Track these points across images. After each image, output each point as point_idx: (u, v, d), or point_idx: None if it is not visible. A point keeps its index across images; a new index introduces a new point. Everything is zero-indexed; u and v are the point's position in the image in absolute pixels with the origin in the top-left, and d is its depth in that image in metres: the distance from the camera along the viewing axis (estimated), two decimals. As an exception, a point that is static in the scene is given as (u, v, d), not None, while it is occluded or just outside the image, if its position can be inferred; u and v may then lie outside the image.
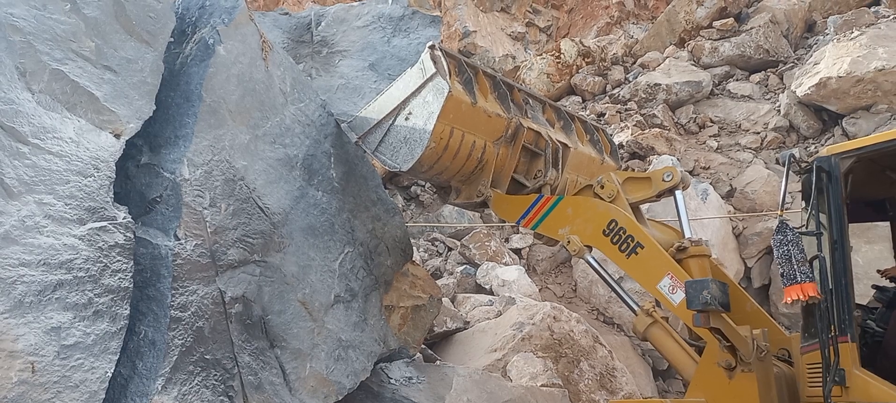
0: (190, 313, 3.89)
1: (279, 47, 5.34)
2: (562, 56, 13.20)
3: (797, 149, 10.32)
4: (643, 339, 4.76)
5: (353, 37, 6.31)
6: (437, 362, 6.69)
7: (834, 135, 10.23)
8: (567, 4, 17.73)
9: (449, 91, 4.56)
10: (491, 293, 8.29)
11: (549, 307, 7.30)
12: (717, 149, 10.82)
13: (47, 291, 3.41)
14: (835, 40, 10.73)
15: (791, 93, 10.72)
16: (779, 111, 10.91)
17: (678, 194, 4.84)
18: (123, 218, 3.78)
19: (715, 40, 12.41)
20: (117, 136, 3.95)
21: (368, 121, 4.96)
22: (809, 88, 10.28)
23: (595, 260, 4.85)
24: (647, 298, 4.93)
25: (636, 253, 4.47)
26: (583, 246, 4.73)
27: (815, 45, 11.83)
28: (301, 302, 4.52)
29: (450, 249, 9.28)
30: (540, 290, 8.67)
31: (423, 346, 6.50)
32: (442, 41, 7.03)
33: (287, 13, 6.73)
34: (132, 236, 3.79)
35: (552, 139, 5.22)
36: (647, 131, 10.80)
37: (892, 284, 4.43)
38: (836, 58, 10.23)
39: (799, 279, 3.64)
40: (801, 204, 4.26)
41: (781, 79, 11.66)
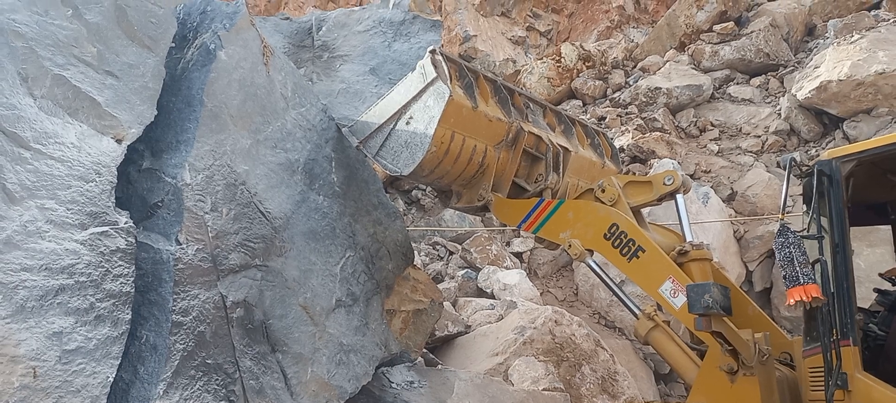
0: (191, 317, 3.89)
1: (280, 52, 5.35)
2: (562, 60, 13.21)
3: (798, 152, 10.31)
4: (645, 343, 4.76)
5: (354, 41, 6.32)
6: (439, 366, 6.68)
7: (835, 139, 10.22)
8: (567, 8, 17.75)
9: (450, 95, 4.57)
10: (492, 297, 8.28)
11: (550, 311, 7.29)
12: (718, 152, 10.81)
13: (49, 296, 3.41)
14: (835, 44, 10.73)
15: (791, 96, 10.72)
16: (779, 114, 10.91)
17: (679, 198, 4.84)
18: (125, 223, 3.78)
19: (715, 44, 12.42)
20: (119, 141, 3.96)
21: (369, 126, 4.97)
22: (810, 92, 10.28)
23: (596, 264, 4.85)
24: (648, 302, 4.93)
25: (637, 257, 4.47)
26: (584, 249, 4.73)
27: (815, 49, 11.83)
28: (302, 306, 4.52)
29: (451, 253, 9.28)
30: (541, 294, 8.66)
31: (424, 350, 6.49)
32: (442, 45, 7.05)
33: (288, 18, 6.75)
34: (134, 241, 3.79)
35: (553, 143, 5.23)
36: (648, 135, 10.80)
37: (894, 287, 4.43)
38: (837, 61, 10.23)
39: (801, 280, 3.64)
40: (803, 208, 4.26)
41: (782, 82, 11.67)
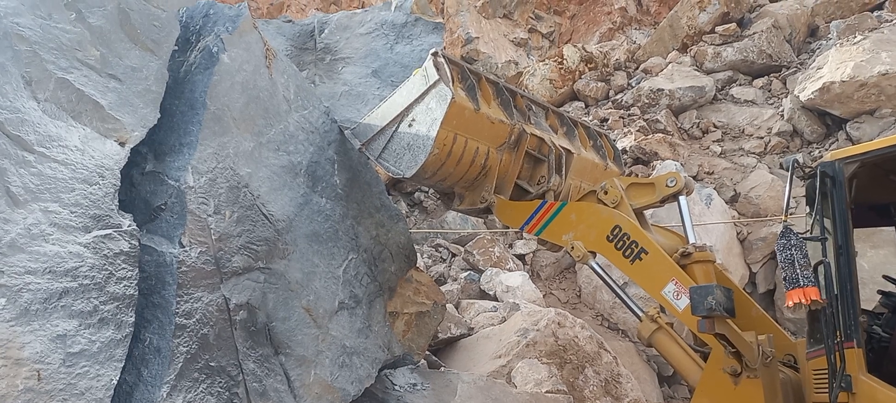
0: (195, 320, 3.89)
1: (283, 55, 5.36)
2: (564, 62, 13.21)
3: (801, 153, 10.31)
4: (648, 345, 4.75)
5: (356, 44, 6.33)
6: (442, 368, 6.68)
7: (838, 140, 10.20)
8: (569, 10, 17.75)
9: (452, 97, 4.57)
10: (495, 299, 8.28)
11: (553, 313, 7.28)
12: (721, 154, 10.80)
13: (53, 299, 3.42)
14: (838, 45, 10.72)
15: (794, 97, 10.70)
16: (782, 116, 10.89)
17: (682, 199, 4.84)
18: (128, 226, 3.79)
19: (717, 45, 12.41)
20: (122, 144, 3.96)
21: (372, 128, 4.97)
22: (813, 93, 10.27)
23: (599, 266, 4.85)
24: (651, 304, 4.93)
25: (640, 259, 4.47)
26: (587, 251, 4.72)
27: (817, 50, 11.82)
28: (305, 308, 4.52)
29: (453, 255, 9.28)
30: (544, 296, 8.65)
31: (427, 353, 6.49)
32: (444, 48, 7.05)
33: (290, 21, 6.76)
34: (137, 244, 3.80)
35: (555, 145, 5.23)
36: (651, 136, 10.79)
37: (898, 289, 4.42)
38: (840, 62, 10.22)
39: (802, 283, 3.64)
40: (806, 209, 4.25)
41: (784, 83, 11.65)
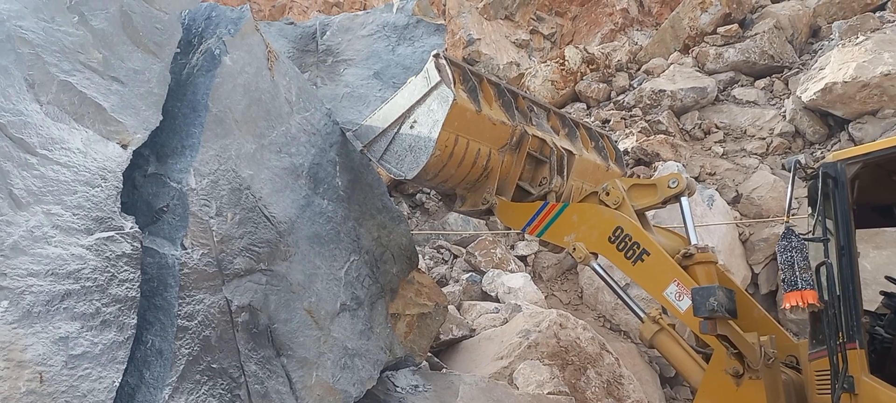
0: (196, 322, 3.89)
1: (285, 57, 5.37)
2: (566, 63, 13.21)
3: (803, 154, 10.29)
4: (650, 346, 4.75)
5: (357, 46, 6.34)
6: (444, 370, 6.68)
7: (840, 141, 10.19)
8: (571, 11, 17.75)
9: (454, 99, 4.58)
10: (497, 300, 8.28)
11: (555, 314, 7.28)
12: (723, 154, 10.79)
13: (55, 301, 3.43)
14: (840, 45, 10.70)
15: (796, 98, 10.69)
16: (784, 117, 10.88)
17: (684, 200, 4.84)
18: (130, 228, 3.79)
19: (719, 46, 12.40)
20: (124, 147, 3.97)
21: (373, 130, 4.98)
22: (815, 93, 10.25)
23: (601, 268, 4.85)
24: (653, 305, 4.93)
25: (642, 260, 4.47)
26: (588, 253, 4.72)
27: (819, 51, 11.80)
28: (307, 310, 4.52)
29: (455, 257, 9.28)
30: (546, 297, 8.65)
31: (429, 354, 6.49)
32: (446, 49, 7.05)
33: (292, 23, 6.76)
34: (139, 246, 3.80)
35: (557, 146, 5.23)
36: (652, 137, 10.78)
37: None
38: (842, 63, 10.20)
39: (800, 286, 3.64)
40: (808, 210, 4.25)
41: (786, 84, 11.64)
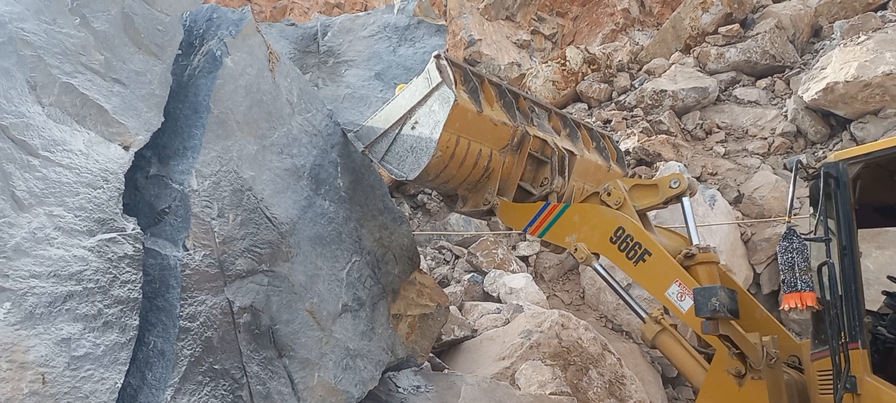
0: (199, 323, 3.90)
1: (286, 58, 5.38)
2: (567, 63, 13.20)
3: (805, 154, 10.28)
4: (652, 347, 4.75)
5: (359, 46, 6.34)
6: (445, 370, 6.68)
7: (842, 140, 10.18)
8: (572, 12, 17.75)
9: (455, 100, 4.58)
10: (498, 301, 8.28)
11: (557, 314, 7.28)
12: (725, 154, 10.78)
13: (57, 302, 3.43)
14: (841, 45, 10.69)
15: (798, 98, 10.68)
16: (786, 116, 10.87)
17: (685, 200, 4.84)
18: (132, 230, 3.80)
19: (720, 46, 12.39)
20: (126, 148, 3.98)
21: (375, 131, 4.98)
22: (816, 93, 10.24)
23: (603, 268, 4.84)
24: (655, 305, 4.92)
25: (644, 261, 4.46)
26: (590, 253, 4.72)
27: (821, 50, 11.79)
28: (309, 311, 4.53)
29: (457, 257, 9.28)
30: (548, 298, 8.65)
31: (430, 355, 6.49)
32: (447, 50, 7.06)
33: (293, 24, 6.77)
34: (141, 247, 3.81)
35: (558, 146, 5.23)
36: (654, 138, 10.78)
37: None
38: (843, 62, 10.19)
39: (799, 287, 3.64)
40: (810, 210, 4.24)
41: (788, 84, 11.62)
